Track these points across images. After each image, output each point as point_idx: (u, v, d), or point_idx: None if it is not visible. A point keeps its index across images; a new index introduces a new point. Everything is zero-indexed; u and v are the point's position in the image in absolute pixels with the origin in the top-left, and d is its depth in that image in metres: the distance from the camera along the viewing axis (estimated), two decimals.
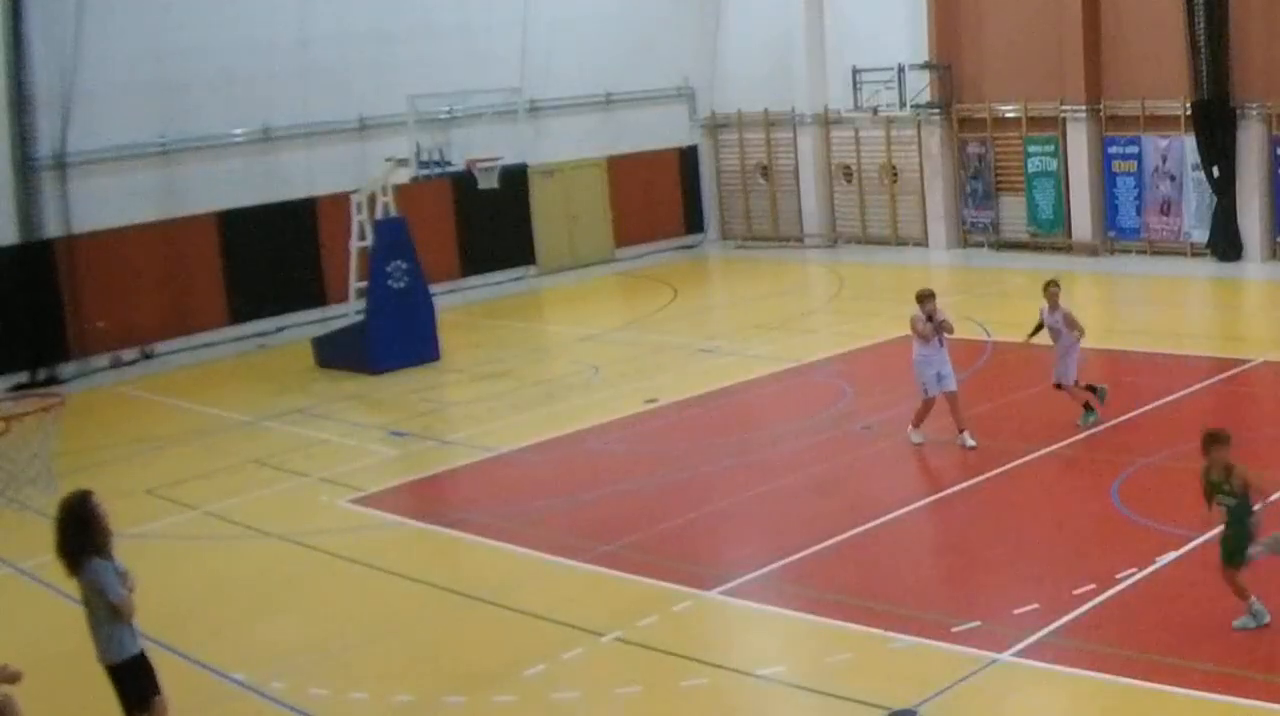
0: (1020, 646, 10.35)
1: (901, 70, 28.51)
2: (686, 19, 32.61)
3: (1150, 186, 27.15)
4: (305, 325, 25.04)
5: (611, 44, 31.04)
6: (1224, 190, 25.89)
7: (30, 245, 22.99)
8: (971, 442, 15.55)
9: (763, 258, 31.37)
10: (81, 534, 8.77)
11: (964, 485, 14.20)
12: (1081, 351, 16.19)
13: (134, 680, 8.90)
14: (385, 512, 14.88)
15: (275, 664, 11.18)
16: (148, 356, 24.43)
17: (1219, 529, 10.46)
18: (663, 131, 32.55)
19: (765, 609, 11.57)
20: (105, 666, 8.89)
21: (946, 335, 15.78)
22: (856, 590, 11.89)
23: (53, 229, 23.27)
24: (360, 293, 22.44)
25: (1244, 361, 18.56)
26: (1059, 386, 16.16)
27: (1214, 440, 10.20)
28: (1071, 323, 16.01)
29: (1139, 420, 16.19)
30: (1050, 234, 28.61)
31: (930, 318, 15.63)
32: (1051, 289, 16.13)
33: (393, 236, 22.21)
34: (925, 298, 15.80)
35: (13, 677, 8.51)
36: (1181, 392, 16.96)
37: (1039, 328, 16.25)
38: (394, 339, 21.73)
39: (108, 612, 8.77)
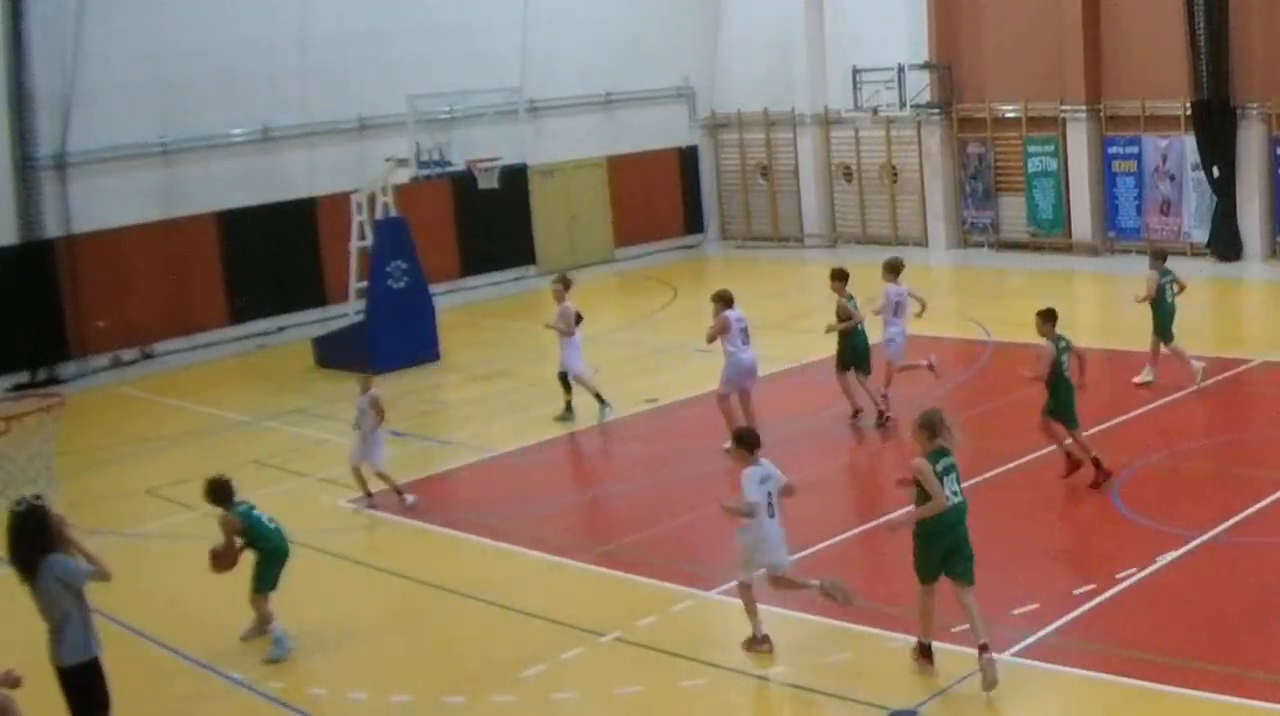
0: (1020, 646, 10.36)
1: (901, 70, 28.49)
2: (686, 19, 32.59)
3: (1150, 186, 27.14)
4: (305, 325, 25.03)
5: (611, 44, 31.01)
6: (1224, 190, 25.88)
7: (30, 245, 23.01)
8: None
9: (763, 258, 31.35)
10: (39, 537, 8.78)
11: (963, 485, 14.17)
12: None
13: (87, 687, 8.88)
14: (385, 513, 14.89)
15: (275, 663, 11.19)
16: (148, 356, 24.43)
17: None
18: (663, 131, 32.53)
19: (765, 609, 11.55)
20: (60, 669, 8.85)
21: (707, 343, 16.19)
22: (856, 590, 11.87)
23: (53, 229, 23.29)
24: (360, 293, 22.45)
25: (1244, 361, 18.54)
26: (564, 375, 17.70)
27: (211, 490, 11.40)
28: (566, 318, 17.44)
29: (1139, 420, 16.18)
30: (1050, 234, 28.60)
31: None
32: (555, 287, 17.65)
33: (393, 236, 22.22)
34: (718, 299, 16.24)
35: (14, 682, 8.52)
36: (1181, 393, 16.95)
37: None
38: (394, 339, 21.73)
39: (68, 612, 8.75)
